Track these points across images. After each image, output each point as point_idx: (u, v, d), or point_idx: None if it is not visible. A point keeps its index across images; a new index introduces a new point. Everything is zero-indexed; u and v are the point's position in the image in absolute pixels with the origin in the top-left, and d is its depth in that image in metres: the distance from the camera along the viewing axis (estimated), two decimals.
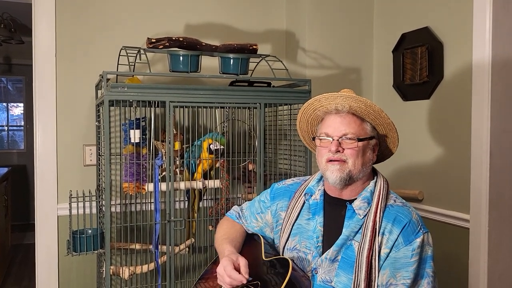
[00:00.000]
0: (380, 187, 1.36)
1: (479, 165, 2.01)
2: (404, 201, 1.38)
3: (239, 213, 1.63)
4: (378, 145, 1.42)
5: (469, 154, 2.07)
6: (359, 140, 1.33)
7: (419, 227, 1.29)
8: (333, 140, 1.33)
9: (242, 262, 1.29)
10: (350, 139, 1.32)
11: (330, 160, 1.33)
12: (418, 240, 1.27)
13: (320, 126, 1.41)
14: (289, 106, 2.24)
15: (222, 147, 2.09)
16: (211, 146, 2.08)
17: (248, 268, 1.37)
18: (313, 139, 1.43)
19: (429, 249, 1.29)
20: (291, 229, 1.44)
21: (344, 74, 2.69)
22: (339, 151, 1.32)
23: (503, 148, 2.01)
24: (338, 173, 1.32)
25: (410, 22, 2.42)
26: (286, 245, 1.44)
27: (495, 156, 1.99)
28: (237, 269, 1.28)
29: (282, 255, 1.46)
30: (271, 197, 1.55)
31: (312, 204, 1.42)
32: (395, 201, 1.36)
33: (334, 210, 1.39)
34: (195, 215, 2.23)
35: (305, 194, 1.46)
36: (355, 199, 1.36)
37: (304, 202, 1.45)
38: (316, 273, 1.34)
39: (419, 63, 2.34)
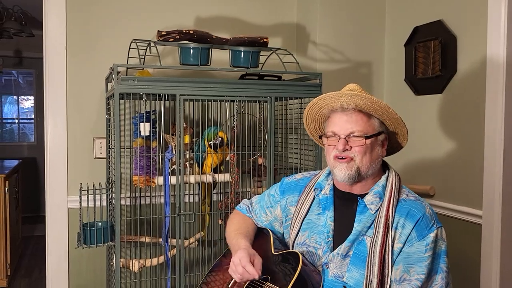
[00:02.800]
0: (392, 181, 1.35)
1: (493, 161, 1.98)
2: (417, 195, 1.36)
3: (248, 207, 1.62)
4: (388, 139, 1.40)
5: (482, 149, 2.04)
6: (367, 137, 1.31)
7: (433, 221, 1.28)
8: (340, 138, 1.31)
9: (258, 260, 1.30)
10: (357, 136, 1.30)
11: (338, 158, 1.32)
12: (432, 234, 1.25)
13: (327, 124, 1.39)
14: (300, 100, 2.23)
15: (213, 141, 2.08)
16: (210, 144, 2.09)
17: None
18: (320, 137, 1.42)
19: (443, 244, 1.28)
20: (301, 224, 1.43)
21: (355, 68, 2.67)
22: (346, 149, 1.30)
23: None
24: (346, 171, 1.30)
25: (423, 15, 2.39)
26: (296, 240, 1.44)
27: (509, 151, 1.96)
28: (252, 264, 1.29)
29: (292, 250, 1.45)
30: (281, 192, 1.54)
31: (322, 199, 1.41)
32: (407, 195, 1.34)
33: (345, 205, 1.37)
34: (208, 208, 2.23)
35: (314, 189, 1.44)
36: (366, 193, 1.35)
37: (314, 197, 1.44)
38: (327, 267, 1.33)
39: (432, 57, 2.30)
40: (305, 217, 1.43)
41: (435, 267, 1.25)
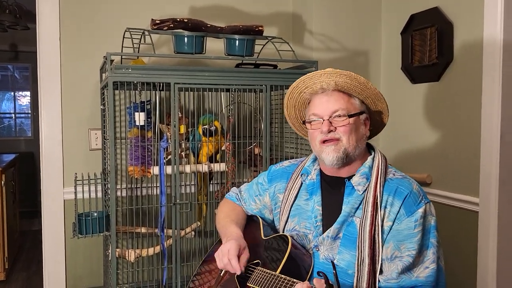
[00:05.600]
0: (379, 161, 1.33)
1: (489, 148, 1.98)
2: (403, 174, 1.35)
3: (238, 194, 1.62)
4: (370, 119, 1.38)
5: (479, 136, 2.03)
6: (350, 116, 1.29)
7: (421, 197, 1.27)
8: (323, 120, 1.30)
9: (245, 255, 1.31)
10: (340, 116, 1.29)
11: (324, 141, 1.30)
12: (420, 210, 1.24)
13: (308, 109, 1.37)
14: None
15: (207, 127, 2.07)
16: (203, 128, 2.07)
17: (248, 250, 1.36)
18: (303, 123, 1.40)
19: (432, 218, 1.26)
20: (290, 210, 1.43)
21: (351, 57, 2.65)
22: (331, 130, 1.29)
23: None
24: (334, 153, 1.29)
25: (419, 3, 2.37)
26: (286, 226, 1.43)
27: (505, 138, 1.95)
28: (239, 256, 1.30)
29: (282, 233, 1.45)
30: (269, 180, 1.54)
31: (308, 184, 1.40)
32: (394, 174, 1.33)
33: (332, 189, 1.36)
34: (205, 198, 2.22)
35: (301, 175, 1.43)
36: (353, 175, 1.34)
37: (301, 183, 1.43)
38: (318, 250, 1.33)
39: (428, 45, 2.29)
40: (293, 203, 1.42)
41: (426, 242, 1.24)
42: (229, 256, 1.27)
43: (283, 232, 1.44)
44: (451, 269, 2.18)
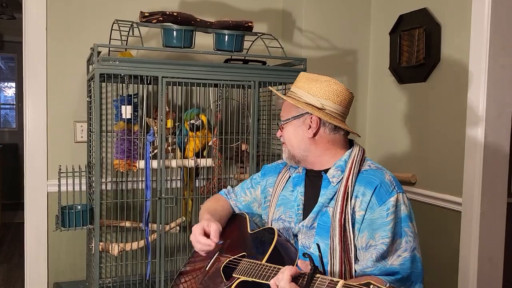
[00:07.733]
0: (355, 154, 1.37)
1: (474, 149, 2.00)
2: (379, 166, 1.38)
3: (228, 190, 1.69)
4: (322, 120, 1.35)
5: (464, 137, 2.05)
6: (284, 121, 1.40)
7: (393, 187, 1.29)
8: None
9: (213, 226, 1.34)
10: (282, 122, 1.41)
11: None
12: (392, 199, 1.26)
13: None
14: (284, 85, 2.21)
15: (192, 121, 2.08)
16: (190, 122, 2.08)
17: (235, 241, 1.40)
18: None
19: (406, 208, 1.28)
20: (277, 200, 1.49)
21: (340, 56, 2.66)
22: (282, 135, 1.42)
23: (498, 132, 2.00)
24: (284, 154, 1.44)
25: (408, 3, 2.38)
26: (273, 215, 1.49)
27: (489, 140, 1.98)
28: (208, 235, 1.33)
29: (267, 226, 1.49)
30: (262, 174, 1.62)
31: (294, 177, 1.47)
32: (370, 166, 1.37)
33: (314, 181, 1.42)
34: (191, 193, 2.22)
35: (290, 169, 1.51)
36: (330, 168, 1.38)
37: (289, 176, 1.50)
38: (297, 238, 1.38)
39: (416, 45, 2.31)
40: (280, 193, 1.50)
41: (399, 231, 1.26)
42: (195, 239, 1.33)
43: (271, 221, 1.49)
44: (433, 268, 2.21)
